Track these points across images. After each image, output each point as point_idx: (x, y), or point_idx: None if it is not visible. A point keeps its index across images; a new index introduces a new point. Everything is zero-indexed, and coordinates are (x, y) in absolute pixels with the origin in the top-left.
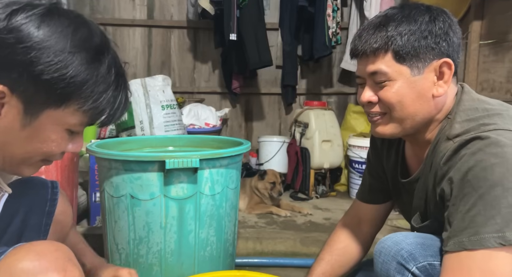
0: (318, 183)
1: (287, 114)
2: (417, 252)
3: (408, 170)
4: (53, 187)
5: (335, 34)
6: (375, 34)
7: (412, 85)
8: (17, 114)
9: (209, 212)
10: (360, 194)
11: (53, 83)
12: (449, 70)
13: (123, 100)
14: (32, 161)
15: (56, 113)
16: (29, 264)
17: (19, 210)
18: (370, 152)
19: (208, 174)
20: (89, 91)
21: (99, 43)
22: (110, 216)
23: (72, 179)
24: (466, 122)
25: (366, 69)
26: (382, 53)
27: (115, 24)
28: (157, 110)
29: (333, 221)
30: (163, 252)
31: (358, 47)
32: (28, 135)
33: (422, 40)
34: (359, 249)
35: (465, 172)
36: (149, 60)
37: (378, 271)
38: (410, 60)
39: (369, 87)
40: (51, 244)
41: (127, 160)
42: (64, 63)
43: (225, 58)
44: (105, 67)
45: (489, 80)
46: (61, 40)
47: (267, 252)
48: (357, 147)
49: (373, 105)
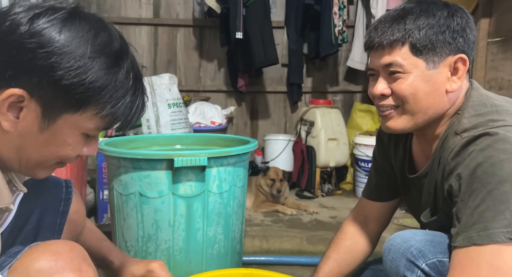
0: (324, 182)
1: (293, 112)
2: (427, 249)
3: (416, 166)
4: (67, 186)
5: (341, 32)
6: (392, 27)
7: (426, 79)
8: (35, 118)
9: (216, 210)
10: (366, 192)
11: (72, 88)
12: (464, 66)
13: (140, 105)
14: (48, 164)
15: (73, 117)
16: (45, 264)
17: (34, 209)
18: (376, 150)
19: (216, 172)
20: (107, 96)
21: (119, 48)
22: (119, 214)
23: (81, 177)
24: (474, 117)
25: (381, 61)
26: (399, 45)
27: (121, 22)
28: (164, 109)
29: (339, 219)
30: (172, 250)
31: (375, 39)
32: (46, 139)
33: (439, 34)
34: (365, 247)
35: (474, 168)
36: (155, 59)
37: (387, 268)
38: (426, 54)
39: (383, 80)
40: (66, 244)
41: (136, 158)
42: (84, 68)
43: (231, 56)
44: (124, 72)
45: (497, 78)
46: (81, 45)
47: (273, 250)
48: (363, 145)
49: (385, 98)
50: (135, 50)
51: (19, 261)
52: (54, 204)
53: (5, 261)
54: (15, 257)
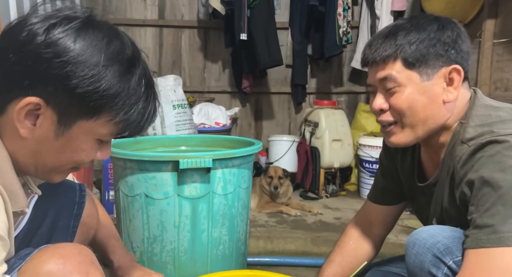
0: (328, 183)
1: (297, 113)
2: (454, 246)
3: (425, 174)
4: (81, 190)
5: (346, 33)
6: (384, 43)
7: (422, 91)
8: (51, 124)
9: (221, 211)
10: (372, 195)
11: (87, 96)
12: (459, 76)
13: (152, 110)
14: (63, 169)
15: (88, 124)
16: (53, 267)
17: (48, 212)
18: (383, 154)
19: (220, 174)
20: (120, 103)
21: (131, 55)
22: (124, 215)
23: (87, 178)
24: (479, 126)
25: (376, 76)
26: (391, 60)
27: (126, 24)
28: (169, 110)
29: (343, 220)
30: (177, 251)
31: (368, 56)
32: (61, 145)
33: (430, 47)
34: (369, 251)
35: (484, 173)
36: (160, 60)
37: (410, 262)
38: (419, 67)
39: (380, 95)
40: (74, 247)
41: (142, 160)
42: (98, 76)
43: (235, 57)
44: (136, 79)
45: (502, 79)
46: (95, 53)
47: (278, 251)
48: (368, 146)
49: (384, 113)
50: (147, 56)
51: (28, 264)
52: (68, 207)
53: (15, 263)
54: (25, 259)
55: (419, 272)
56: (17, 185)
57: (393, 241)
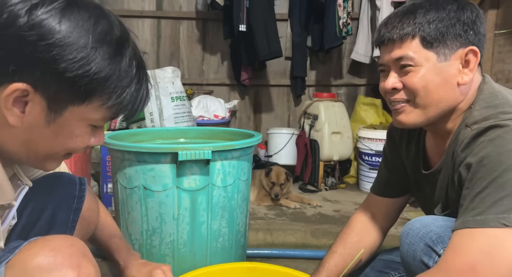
0: (328, 175)
1: (296, 106)
2: (446, 235)
3: (429, 162)
4: (81, 184)
5: (346, 24)
6: (402, 21)
7: (438, 71)
8: (41, 111)
9: (221, 203)
10: (375, 187)
11: (77, 80)
12: (475, 58)
13: (145, 93)
14: (57, 156)
15: (79, 109)
16: (43, 260)
17: (47, 205)
18: (387, 146)
19: (220, 166)
20: (112, 86)
21: (120, 35)
22: (123, 207)
23: (85, 170)
24: (485, 109)
25: (392, 55)
26: (409, 39)
27: (124, 15)
28: (167, 102)
29: (342, 213)
30: (176, 243)
31: (385, 34)
32: (53, 131)
33: (450, 27)
34: (372, 243)
35: (482, 157)
36: (158, 52)
37: (403, 251)
38: (437, 47)
39: (394, 73)
40: (66, 239)
41: (140, 151)
42: (87, 59)
43: (234, 49)
44: (127, 61)
45: (504, 71)
46: (83, 35)
47: (277, 244)
48: (367, 139)
49: (396, 92)
50: (136, 36)
51: (17, 257)
52: (67, 201)
53: (3, 256)
54: (13, 252)
55: (412, 261)
56: (3, 177)
57: (393, 233)
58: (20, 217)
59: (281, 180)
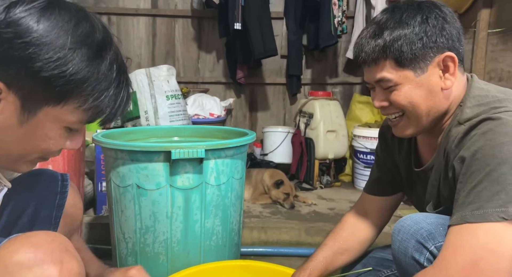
0: (323, 173)
1: (292, 104)
2: (437, 232)
3: (421, 160)
4: (63, 180)
5: (341, 23)
6: (371, 44)
7: (419, 85)
8: (14, 110)
9: (214, 202)
10: (367, 186)
11: (52, 80)
12: (453, 63)
13: (124, 97)
14: (29, 158)
15: (54, 110)
16: (24, 256)
17: (29, 202)
18: (379, 146)
19: (213, 164)
20: (90, 89)
21: (101, 39)
22: (116, 206)
23: (79, 169)
24: (477, 107)
25: (371, 77)
26: (382, 61)
27: (119, 13)
28: (162, 100)
29: (337, 211)
30: (169, 241)
31: (359, 56)
32: (26, 132)
33: (418, 42)
34: (363, 239)
35: (475, 150)
36: (154, 50)
37: (395, 248)
38: (410, 64)
39: (379, 92)
40: (47, 235)
41: (133, 150)
42: (64, 60)
43: (230, 47)
44: (107, 64)
45: (497, 70)
46: (61, 35)
47: (272, 242)
48: (362, 137)
49: (387, 108)
50: (120, 41)
51: None
52: (50, 197)
53: None
54: None
55: (403, 258)
56: None
57: (386, 231)
58: (1, 216)
59: (294, 191)
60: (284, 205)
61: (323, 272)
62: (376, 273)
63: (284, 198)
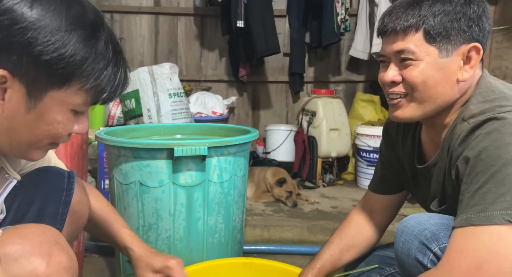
0: (325, 172)
1: (295, 102)
2: (441, 233)
3: (425, 156)
4: (69, 177)
5: (344, 20)
6: (407, 12)
7: (438, 67)
8: (21, 97)
9: (217, 199)
10: (372, 185)
11: (53, 63)
12: (477, 55)
13: (123, 76)
14: (40, 144)
15: (59, 94)
16: (10, 248)
17: (35, 199)
18: (383, 143)
19: (216, 162)
20: (89, 69)
21: (93, 19)
22: (119, 203)
23: (82, 166)
24: (482, 103)
25: (393, 47)
26: (412, 32)
27: (121, 11)
28: (165, 98)
29: (340, 209)
30: (172, 239)
31: (388, 24)
32: (34, 118)
33: (455, 21)
34: (369, 236)
35: (480, 151)
36: (156, 48)
37: (398, 249)
38: (440, 42)
39: (393, 66)
40: (37, 227)
41: (136, 147)
42: (62, 42)
43: (232, 45)
44: (103, 44)
45: (501, 67)
46: (55, 18)
47: (274, 240)
48: (365, 135)
49: (395, 85)
50: (109, 20)
51: None
52: (56, 194)
53: None
54: None
55: (407, 259)
56: None
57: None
58: (8, 211)
59: (297, 190)
60: (286, 203)
61: (331, 270)
62: (379, 271)
63: (286, 196)
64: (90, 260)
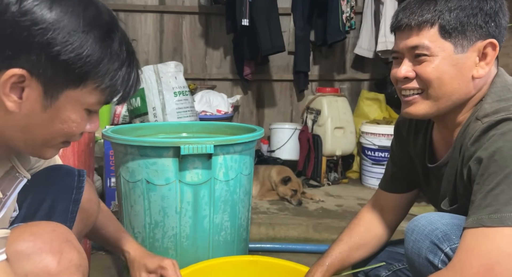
0: (330, 170)
1: (299, 100)
2: (453, 233)
3: (436, 155)
4: (79, 175)
5: (349, 18)
6: (422, 7)
7: (453, 63)
8: (38, 96)
9: (223, 197)
10: (382, 183)
11: (71, 63)
12: (493, 52)
13: (136, 77)
14: (54, 142)
15: (75, 93)
16: (22, 245)
17: (46, 197)
18: (394, 142)
19: (222, 160)
20: (105, 69)
21: (108, 20)
22: (126, 201)
23: (89, 165)
24: (497, 102)
25: (407, 42)
26: (427, 27)
27: (127, 9)
28: (170, 97)
29: (345, 208)
30: (178, 236)
31: (402, 19)
32: (50, 117)
33: (471, 17)
34: (379, 235)
35: (493, 151)
36: (161, 46)
37: (408, 248)
38: (455, 37)
39: (407, 62)
40: (48, 225)
41: (142, 145)
42: (79, 42)
43: (237, 44)
44: (117, 44)
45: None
46: (73, 19)
47: (279, 238)
48: (370, 134)
49: (408, 81)
50: (124, 24)
51: None
52: (66, 192)
53: None
54: None
55: (417, 258)
56: None
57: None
58: (19, 209)
59: (302, 188)
60: (291, 202)
61: (340, 268)
62: (388, 266)
63: (291, 194)
64: (96, 258)
